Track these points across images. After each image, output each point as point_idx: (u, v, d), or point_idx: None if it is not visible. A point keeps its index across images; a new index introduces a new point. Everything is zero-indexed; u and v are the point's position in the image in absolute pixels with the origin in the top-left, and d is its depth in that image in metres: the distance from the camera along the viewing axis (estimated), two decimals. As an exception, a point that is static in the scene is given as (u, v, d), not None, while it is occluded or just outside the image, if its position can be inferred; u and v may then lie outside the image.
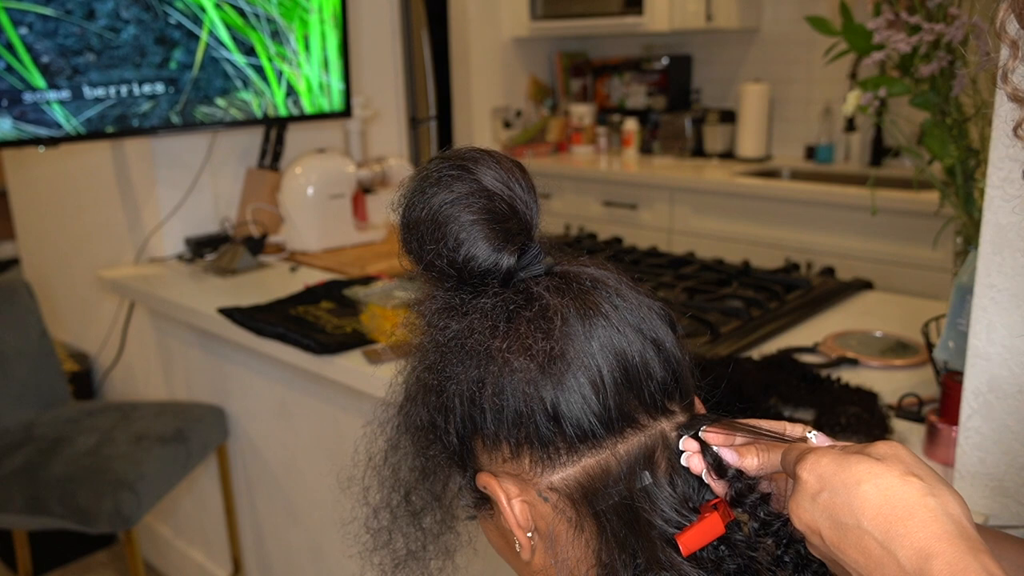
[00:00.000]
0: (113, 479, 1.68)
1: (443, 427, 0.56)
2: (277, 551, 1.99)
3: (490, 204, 0.53)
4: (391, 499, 0.63)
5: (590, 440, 0.52)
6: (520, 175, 0.55)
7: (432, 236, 0.53)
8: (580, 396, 0.51)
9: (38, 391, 1.99)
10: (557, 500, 0.53)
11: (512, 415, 0.52)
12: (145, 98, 1.80)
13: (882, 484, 0.45)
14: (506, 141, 3.75)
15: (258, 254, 2.04)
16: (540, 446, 0.52)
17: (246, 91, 1.95)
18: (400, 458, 0.62)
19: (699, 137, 3.56)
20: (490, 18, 3.68)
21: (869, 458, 0.46)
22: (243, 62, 1.92)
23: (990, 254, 0.88)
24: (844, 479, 0.46)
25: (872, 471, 0.45)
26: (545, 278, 0.55)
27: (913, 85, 1.25)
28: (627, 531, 0.52)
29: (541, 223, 0.56)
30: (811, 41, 3.21)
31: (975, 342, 0.91)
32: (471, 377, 0.53)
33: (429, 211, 0.53)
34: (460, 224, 0.53)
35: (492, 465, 0.56)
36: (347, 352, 1.46)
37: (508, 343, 0.52)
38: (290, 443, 1.82)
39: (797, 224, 2.85)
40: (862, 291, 1.72)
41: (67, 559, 2.48)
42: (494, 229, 0.53)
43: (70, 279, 2.52)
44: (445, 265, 0.54)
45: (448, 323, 0.55)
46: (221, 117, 1.94)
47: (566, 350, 0.51)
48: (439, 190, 0.53)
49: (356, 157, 2.36)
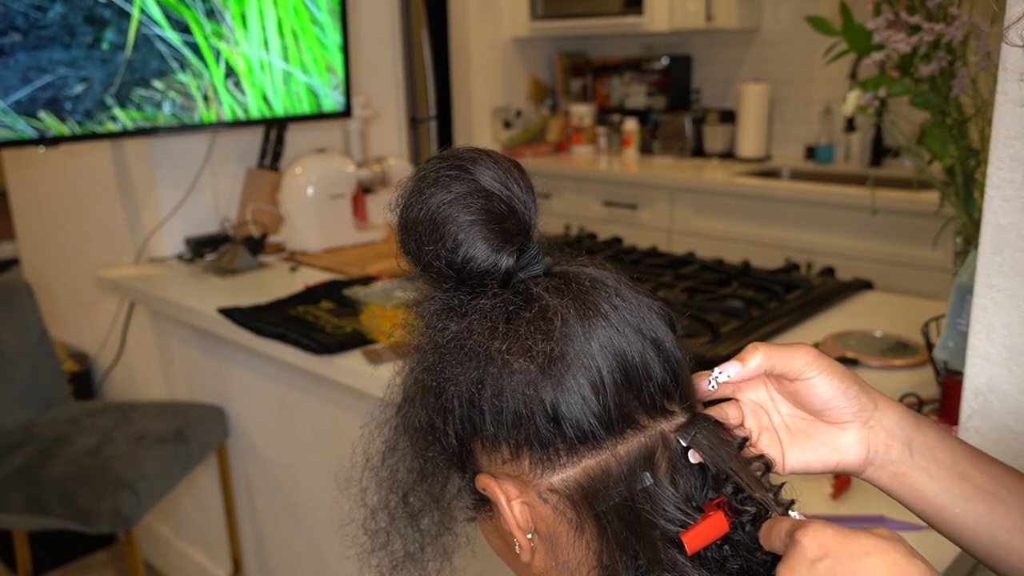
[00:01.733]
0: (113, 479, 1.68)
1: (442, 429, 0.56)
2: (277, 551, 1.99)
3: (488, 204, 0.53)
4: (389, 500, 0.63)
5: (590, 441, 0.52)
6: (518, 175, 0.55)
7: (430, 237, 0.53)
8: (580, 397, 0.51)
9: (38, 391, 1.99)
10: (557, 501, 0.53)
11: (512, 416, 0.52)
12: (77, 80, 1.74)
13: (890, 560, 0.45)
14: (506, 141, 3.75)
15: (258, 254, 2.04)
16: (540, 447, 0.52)
17: (183, 72, 1.89)
18: (398, 459, 0.62)
19: (699, 137, 3.56)
20: (490, 18, 3.68)
21: (875, 534, 0.47)
22: (178, 40, 1.86)
23: (990, 254, 0.88)
24: (851, 550, 0.46)
25: (880, 546, 0.46)
26: (544, 279, 0.54)
27: (913, 85, 1.25)
28: (628, 532, 0.52)
29: (540, 223, 0.56)
30: (811, 41, 3.21)
31: (975, 342, 0.91)
32: (470, 378, 0.53)
33: (427, 212, 0.53)
34: (458, 224, 0.52)
35: (492, 467, 0.55)
36: (347, 352, 1.46)
37: (508, 344, 0.52)
38: (290, 443, 1.82)
39: (797, 224, 2.85)
40: (862, 291, 1.72)
41: (67, 559, 2.48)
42: (492, 229, 0.53)
43: (70, 279, 2.52)
44: (443, 266, 0.54)
45: (447, 324, 0.54)
46: (159, 100, 1.88)
47: (566, 351, 0.51)
48: (437, 190, 0.53)
49: (356, 157, 2.36)
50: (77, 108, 1.77)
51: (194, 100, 1.94)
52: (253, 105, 2.03)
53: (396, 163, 2.26)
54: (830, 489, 1.00)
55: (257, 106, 2.03)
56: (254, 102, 2.03)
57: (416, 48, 3.64)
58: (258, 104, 2.03)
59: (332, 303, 1.68)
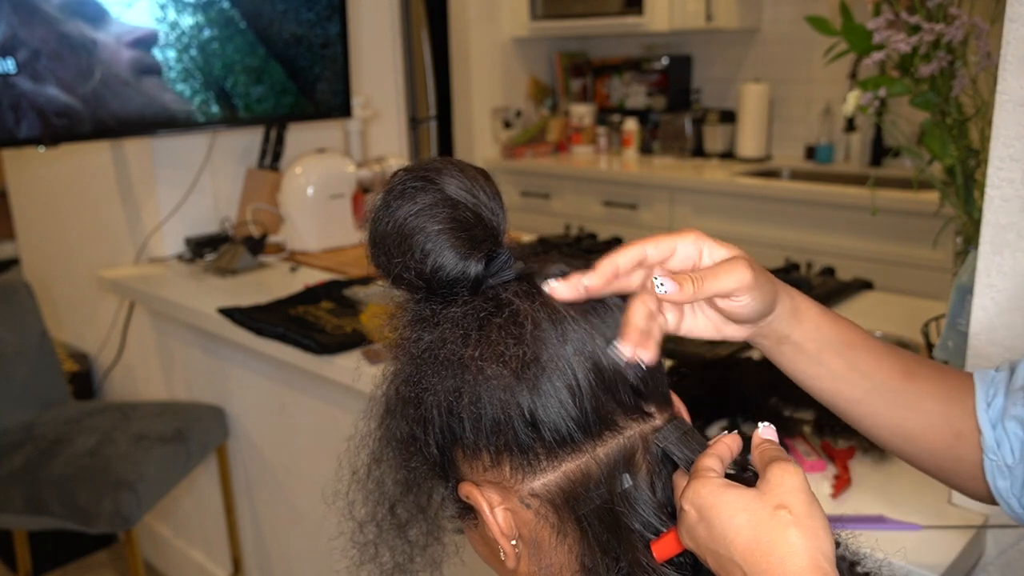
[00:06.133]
0: (113, 479, 1.67)
1: (423, 439, 0.56)
2: (277, 551, 1.99)
3: (455, 213, 0.53)
4: (376, 512, 0.63)
5: (569, 444, 0.52)
6: (484, 182, 0.55)
7: (399, 248, 0.53)
8: (557, 401, 0.51)
9: (38, 391, 1.99)
10: (539, 506, 0.53)
11: (490, 423, 0.52)
12: None
13: (754, 518, 0.45)
14: (506, 141, 3.75)
15: (258, 254, 2.04)
16: (520, 453, 0.52)
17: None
18: (384, 471, 0.62)
19: (699, 137, 3.56)
20: (490, 18, 3.68)
21: (743, 490, 0.47)
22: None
23: (990, 254, 0.88)
24: (719, 513, 0.46)
25: (746, 505, 0.46)
26: (515, 283, 0.54)
27: (913, 85, 1.25)
28: (608, 535, 0.52)
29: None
30: (811, 41, 3.20)
31: (975, 342, 0.91)
32: (447, 387, 0.53)
33: (394, 224, 0.53)
34: (426, 235, 0.53)
35: (473, 474, 0.56)
36: (347, 352, 1.46)
37: (481, 351, 0.52)
38: (290, 443, 1.82)
39: (797, 224, 2.85)
40: (862, 291, 1.72)
41: (67, 559, 2.48)
42: (459, 237, 0.53)
43: (70, 279, 2.52)
44: (413, 277, 0.54)
45: (421, 335, 0.55)
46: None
47: (539, 354, 0.51)
48: (403, 202, 0.53)
49: (356, 157, 2.36)
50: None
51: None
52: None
53: (396, 163, 2.26)
54: (830, 489, 1.00)
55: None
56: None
57: (416, 48, 3.64)
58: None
59: (332, 303, 1.68)
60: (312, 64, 2.09)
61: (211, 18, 1.91)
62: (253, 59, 1.99)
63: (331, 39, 2.10)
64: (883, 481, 1.02)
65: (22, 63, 1.67)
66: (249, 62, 1.99)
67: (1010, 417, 0.62)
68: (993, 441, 0.62)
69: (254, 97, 2.02)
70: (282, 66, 2.04)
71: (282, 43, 2.03)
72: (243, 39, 1.96)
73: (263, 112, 2.05)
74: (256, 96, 2.02)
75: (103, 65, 1.78)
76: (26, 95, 1.69)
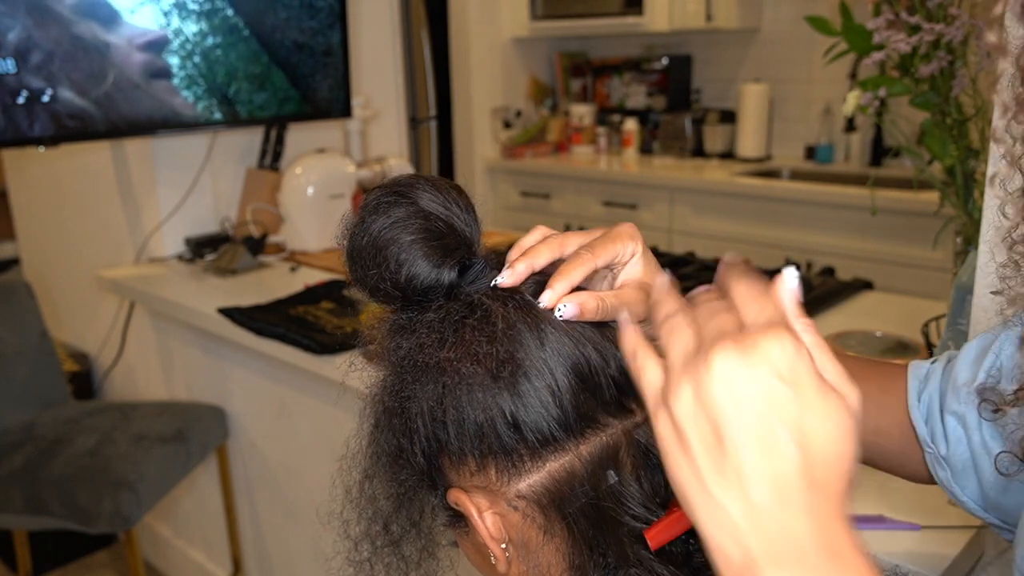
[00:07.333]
0: (113, 479, 1.68)
1: (410, 449, 0.57)
2: (277, 551, 1.99)
3: (427, 224, 0.54)
4: (371, 530, 0.63)
5: (552, 444, 0.52)
6: (457, 196, 0.56)
7: (374, 261, 0.54)
8: (538, 401, 0.52)
9: (38, 391, 1.99)
10: (526, 507, 0.54)
11: (473, 427, 0.53)
12: None
13: (702, 393, 0.43)
14: (506, 141, 3.75)
15: (258, 254, 2.04)
16: (504, 455, 0.53)
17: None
18: (376, 487, 0.62)
19: (699, 137, 3.56)
20: (490, 18, 3.68)
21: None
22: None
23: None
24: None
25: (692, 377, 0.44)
26: (490, 290, 0.55)
27: (913, 85, 1.25)
28: (595, 531, 0.52)
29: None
30: (811, 41, 3.20)
31: (975, 342, 0.91)
32: (428, 393, 0.54)
33: (369, 238, 0.54)
34: (399, 245, 0.54)
35: (461, 480, 0.56)
36: (347, 352, 1.46)
37: (456, 352, 0.53)
38: (290, 443, 1.82)
39: (797, 224, 2.85)
40: (862, 291, 1.72)
41: (67, 559, 2.48)
42: (432, 246, 0.54)
43: (70, 279, 2.52)
44: (389, 287, 0.55)
45: (399, 343, 0.56)
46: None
47: (514, 352, 0.52)
48: (377, 217, 0.55)
49: (356, 157, 2.36)
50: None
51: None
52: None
53: (396, 163, 2.26)
54: (830, 489, 1.00)
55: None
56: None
57: (416, 48, 3.64)
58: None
59: (332, 303, 1.68)
60: (314, 72, 2.08)
61: (215, 25, 1.91)
62: (256, 66, 1.99)
63: (333, 47, 2.10)
64: (883, 481, 1.02)
65: (36, 65, 1.67)
66: (252, 69, 1.98)
67: (950, 412, 0.62)
68: (927, 434, 0.63)
69: (257, 104, 2.01)
70: (284, 73, 2.04)
71: (285, 51, 2.02)
72: (246, 47, 1.96)
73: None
74: (259, 103, 2.01)
75: (116, 68, 1.77)
76: (39, 97, 1.68)
